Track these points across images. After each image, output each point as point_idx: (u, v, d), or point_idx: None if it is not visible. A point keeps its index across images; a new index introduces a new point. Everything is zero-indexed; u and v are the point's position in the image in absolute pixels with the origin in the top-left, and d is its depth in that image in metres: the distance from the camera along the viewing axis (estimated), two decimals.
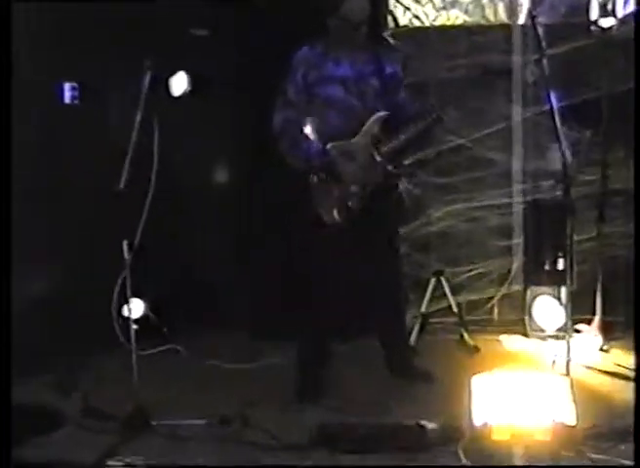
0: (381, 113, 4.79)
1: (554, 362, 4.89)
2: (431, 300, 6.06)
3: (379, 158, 4.80)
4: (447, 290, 6.03)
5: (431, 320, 6.09)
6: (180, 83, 5.55)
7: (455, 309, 6.03)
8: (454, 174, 6.38)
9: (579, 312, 5.69)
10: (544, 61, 4.38)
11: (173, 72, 5.53)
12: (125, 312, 5.37)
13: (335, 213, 4.83)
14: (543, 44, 4.41)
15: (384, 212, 4.99)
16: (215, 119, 6.12)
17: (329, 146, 4.82)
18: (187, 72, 5.55)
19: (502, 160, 6.19)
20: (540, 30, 4.44)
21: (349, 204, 4.83)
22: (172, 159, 5.11)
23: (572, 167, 4.41)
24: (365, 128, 4.81)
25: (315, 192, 4.86)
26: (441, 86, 6.00)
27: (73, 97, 5.64)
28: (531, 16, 4.56)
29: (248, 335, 6.16)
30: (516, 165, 6.28)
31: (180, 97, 5.55)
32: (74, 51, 5.49)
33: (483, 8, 6.17)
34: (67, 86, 5.62)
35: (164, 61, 4.89)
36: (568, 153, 4.26)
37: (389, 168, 4.83)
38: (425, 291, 6.03)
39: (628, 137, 5.82)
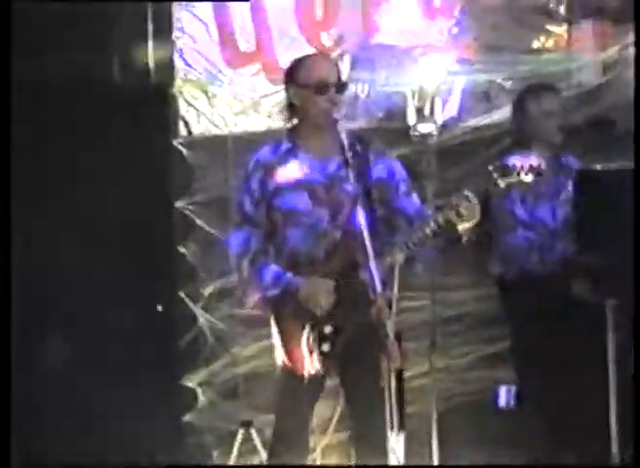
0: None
1: None
2: (240, 456, 5.33)
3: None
4: (258, 443, 5.31)
5: None
6: None
7: None
8: None
9: (414, 460, 4.93)
10: (349, 172, 3.70)
11: None
12: None
13: (304, 360, 3.87)
14: (348, 154, 3.71)
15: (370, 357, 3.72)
16: None
17: (289, 275, 3.88)
18: None
19: None
20: (345, 136, 3.76)
21: (323, 348, 3.86)
22: None
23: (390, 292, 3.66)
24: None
25: (281, 333, 3.92)
26: None
27: None
28: (331, 119, 3.84)
29: None
30: None
31: None
32: None
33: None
34: None
35: None
36: (377, 276, 3.52)
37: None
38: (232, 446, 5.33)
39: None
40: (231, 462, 5.31)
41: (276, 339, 4.00)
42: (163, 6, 5.53)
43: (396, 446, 5.27)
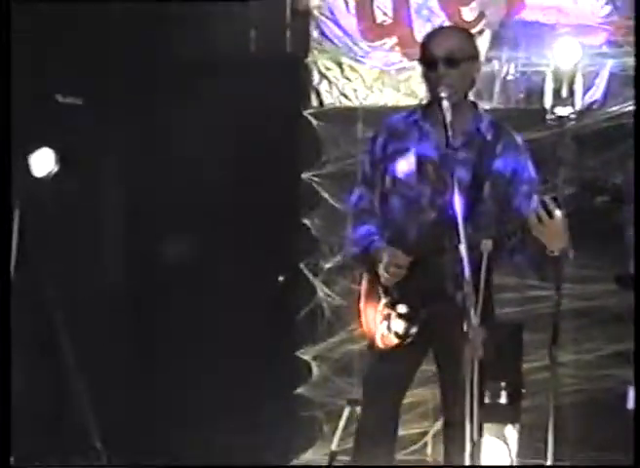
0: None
1: None
2: (346, 434, 5.12)
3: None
4: None
5: (343, 458, 5.10)
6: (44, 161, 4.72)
7: None
8: None
9: (527, 455, 5.01)
10: (449, 153, 3.49)
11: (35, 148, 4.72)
12: None
13: (376, 334, 3.78)
14: (450, 133, 3.48)
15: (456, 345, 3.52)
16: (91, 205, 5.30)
17: (376, 238, 3.79)
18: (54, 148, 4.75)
19: None
20: (449, 116, 3.49)
21: (394, 327, 3.74)
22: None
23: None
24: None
25: (363, 300, 3.87)
26: None
27: None
28: (438, 97, 3.61)
29: None
30: None
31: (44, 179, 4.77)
32: None
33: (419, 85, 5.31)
34: None
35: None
36: (466, 262, 3.28)
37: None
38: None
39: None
40: (334, 442, 5.20)
41: (361, 305, 3.88)
42: None
43: (510, 437, 5.20)
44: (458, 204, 3.41)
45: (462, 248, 3.33)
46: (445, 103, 3.58)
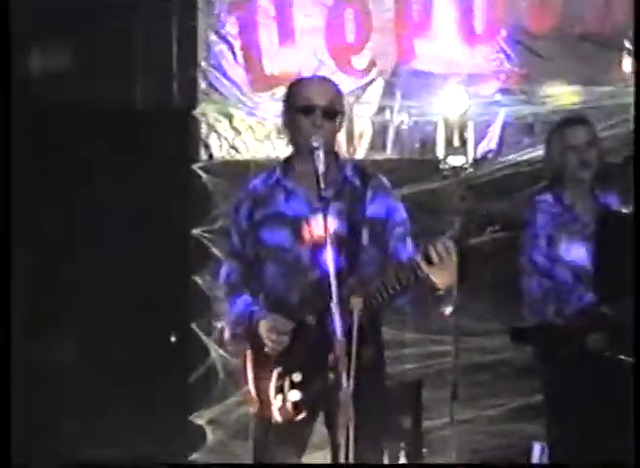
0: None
1: None
2: None
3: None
4: None
5: None
6: None
7: None
8: None
9: None
10: (321, 206, 3.28)
11: None
12: None
13: (272, 407, 3.54)
14: (323, 187, 3.29)
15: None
16: None
17: (255, 308, 3.58)
18: None
19: None
20: (322, 167, 3.33)
21: (291, 397, 3.50)
22: None
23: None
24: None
25: (252, 375, 3.61)
26: None
27: None
28: (309, 146, 3.42)
29: None
30: None
31: None
32: None
33: None
34: None
35: None
36: (338, 321, 3.15)
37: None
38: None
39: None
40: None
41: (249, 381, 3.61)
42: (188, 26, 5.30)
43: None
44: (330, 258, 3.24)
45: (334, 305, 3.16)
46: (319, 154, 3.40)
